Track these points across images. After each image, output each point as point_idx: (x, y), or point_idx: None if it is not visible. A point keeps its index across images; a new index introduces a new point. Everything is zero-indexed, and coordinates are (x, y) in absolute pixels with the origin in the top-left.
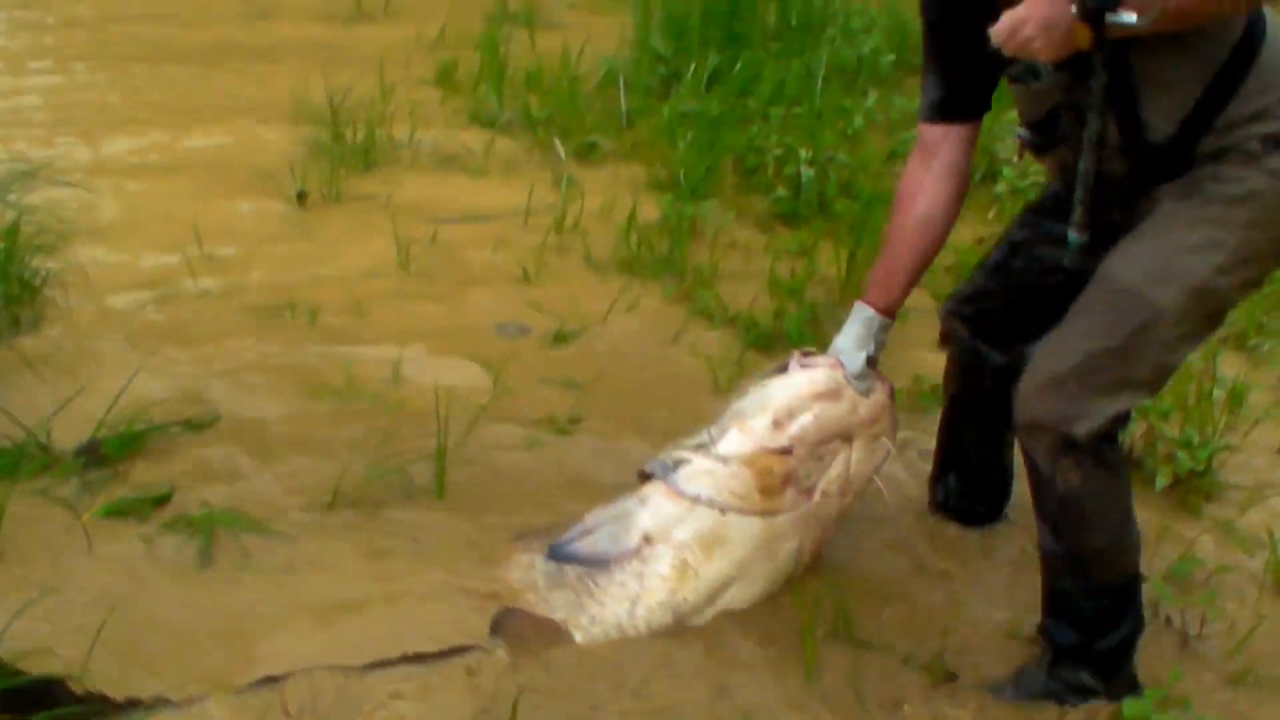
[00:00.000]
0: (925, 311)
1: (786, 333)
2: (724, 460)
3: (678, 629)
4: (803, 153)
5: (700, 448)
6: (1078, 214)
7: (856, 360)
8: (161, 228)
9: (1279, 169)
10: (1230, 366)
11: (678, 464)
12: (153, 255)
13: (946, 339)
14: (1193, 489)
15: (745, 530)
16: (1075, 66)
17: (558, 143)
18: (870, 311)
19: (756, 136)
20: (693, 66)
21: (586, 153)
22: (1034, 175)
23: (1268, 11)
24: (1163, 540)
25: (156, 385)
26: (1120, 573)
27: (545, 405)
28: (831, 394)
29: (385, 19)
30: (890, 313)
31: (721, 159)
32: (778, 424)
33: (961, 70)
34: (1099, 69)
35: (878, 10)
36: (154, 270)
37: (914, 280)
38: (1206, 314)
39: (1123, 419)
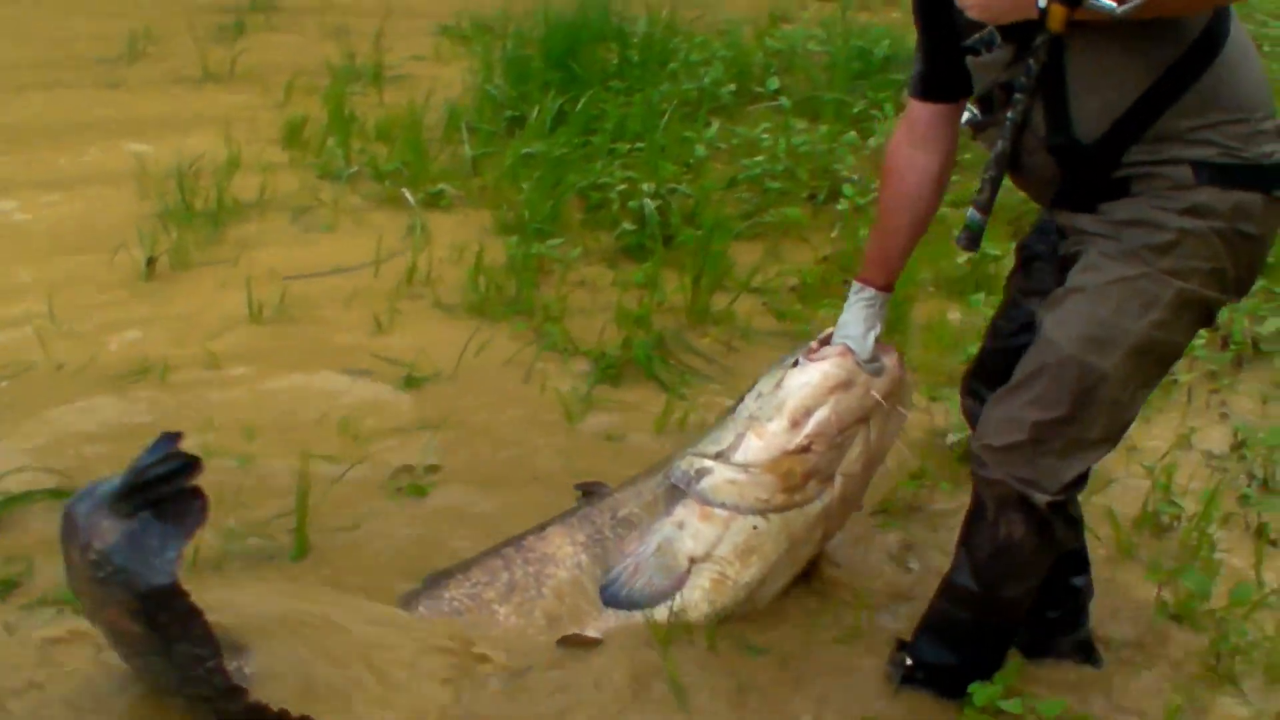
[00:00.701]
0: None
1: (635, 360)
2: (745, 468)
3: None
4: (645, 186)
5: (720, 456)
6: (984, 194)
7: (866, 344)
8: (10, 299)
9: (1204, 206)
10: None
11: (700, 474)
12: (1, 328)
13: (967, 417)
14: None
15: (777, 533)
16: (1023, 42)
17: (406, 192)
18: (871, 290)
19: (600, 173)
20: (535, 109)
21: (434, 200)
22: (874, 191)
23: (1242, 30)
24: None
25: (13, 457)
26: (1016, 618)
27: (402, 454)
28: (845, 384)
29: (232, 80)
30: (889, 288)
31: (566, 198)
32: (794, 424)
33: (942, 49)
34: (1039, 50)
35: (719, 42)
36: (3, 343)
37: (908, 254)
38: (1154, 362)
39: (1083, 480)
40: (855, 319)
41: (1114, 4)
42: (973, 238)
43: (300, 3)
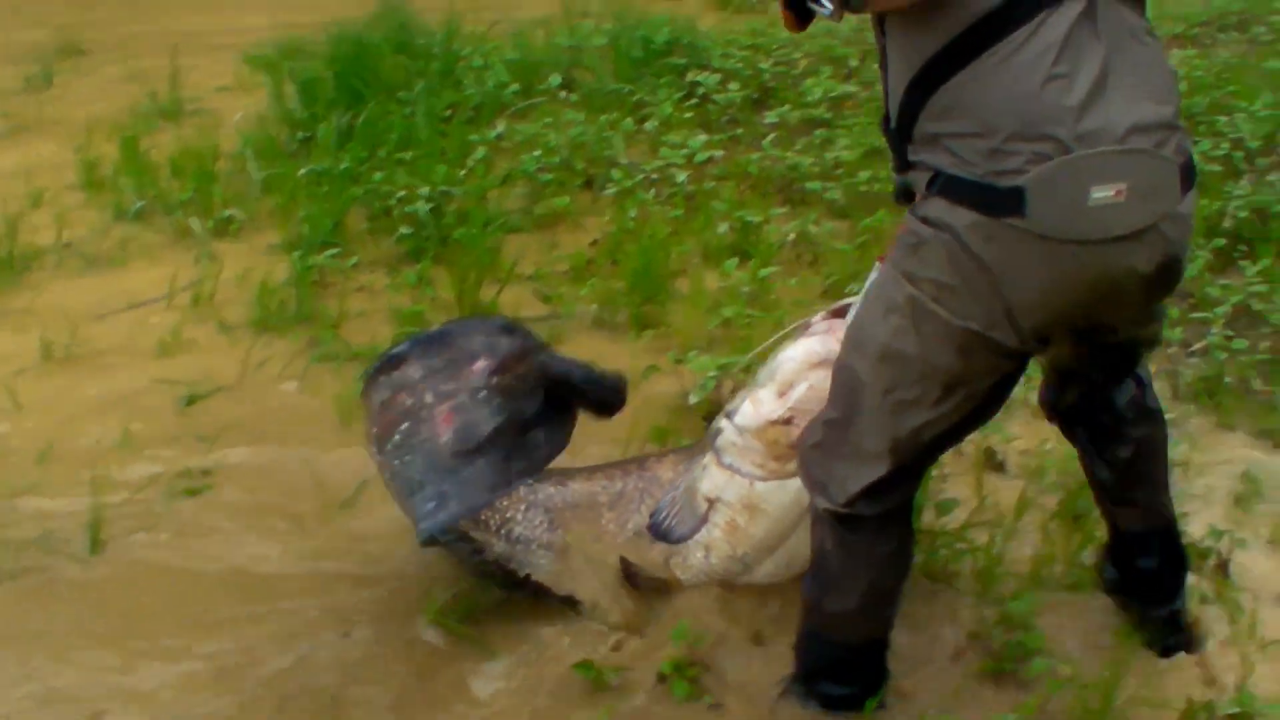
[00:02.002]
0: None
1: None
2: (740, 432)
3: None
4: (422, 190)
5: (729, 415)
6: (892, 158)
7: None
8: None
9: (933, 216)
10: None
11: (717, 432)
12: None
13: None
14: None
15: (775, 496)
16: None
17: (195, 222)
18: None
19: (382, 183)
20: (321, 127)
21: (225, 226)
22: (643, 173)
23: (1035, 50)
24: None
25: None
26: (859, 636)
27: (184, 462)
28: (824, 361)
29: (40, 128)
30: None
31: (349, 210)
32: (781, 394)
33: None
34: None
35: (505, 44)
36: None
37: None
38: (910, 380)
39: (877, 492)
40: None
41: (829, 7)
42: (897, 196)
43: (108, 47)
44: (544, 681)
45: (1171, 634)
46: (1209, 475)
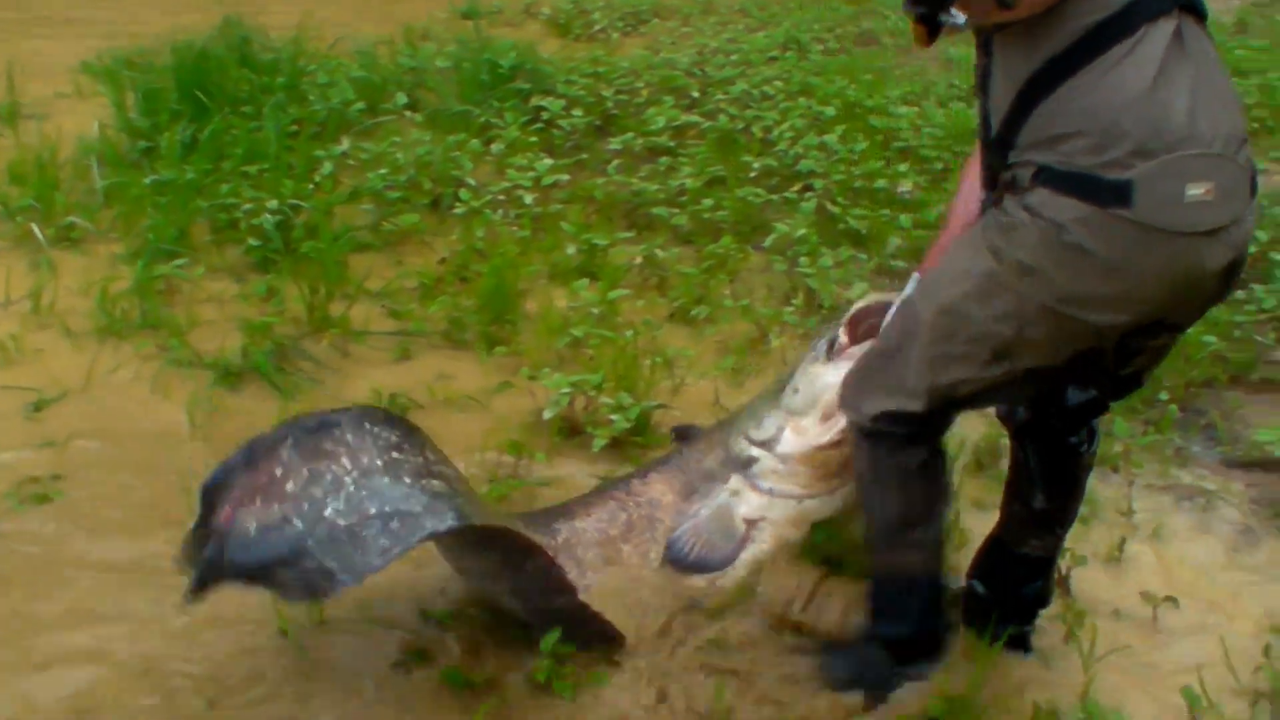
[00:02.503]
0: None
1: (255, 368)
2: (784, 459)
3: None
4: (269, 203)
5: (765, 445)
6: (984, 174)
7: None
8: None
9: (1035, 205)
10: (674, 338)
11: (749, 462)
12: None
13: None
14: (630, 446)
15: (822, 508)
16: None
17: (35, 228)
18: None
19: (228, 195)
20: (164, 138)
21: (66, 234)
22: (490, 194)
23: (1149, 61)
24: None
25: None
26: (900, 568)
27: (31, 468)
28: None
29: None
30: None
31: (194, 220)
32: (826, 418)
33: None
34: (980, 48)
35: (351, 62)
36: None
37: None
38: (969, 339)
39: (904, 419)
40: None
41: (963, 19)
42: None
43: None
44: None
45: (1018, 649)
46: None
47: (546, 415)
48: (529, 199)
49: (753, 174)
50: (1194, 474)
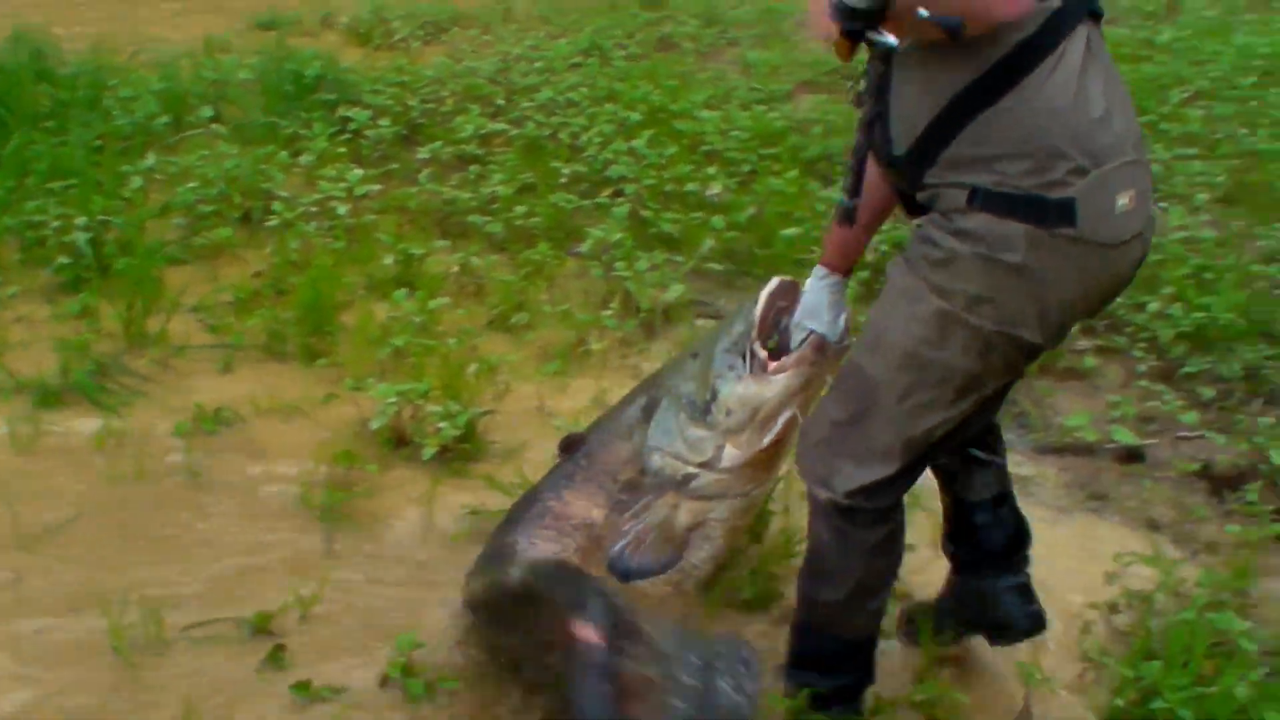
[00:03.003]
0: None
1: (76, 387)
2: (729, 471)
3: None
4: (79, 220)
5: (705, 465)
6: (847, 180)
7: (838, 327)
8: None
9: (974, 230)
10: (495, 345)
11: (687, 478)
12: None
13: None
14: (459, 453)
15: (767, 489)
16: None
17: None
18: (836, 276)
19: (34, 212)
20: None
21: None
22: (303, 206)
23: (1073, 74)
24: (435, 500)
25: None
26: (850, 629)
27: None
28: (807, 386)
29: None
30: (849, 274)
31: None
32: (764, 426)
33: None
34: (873, 61)
35: (153, 75)
36: None
37: (865, 245)
38: (932, 382)
39: (880, 489)
40: (822, 304)
41: (894, 40)
42: (846, 215)
43: None
44: None
45: (1027, 603)
46: None
47: (374, 425)
48: (342, 210)
49: (563, 180)
50: (1010, 460)
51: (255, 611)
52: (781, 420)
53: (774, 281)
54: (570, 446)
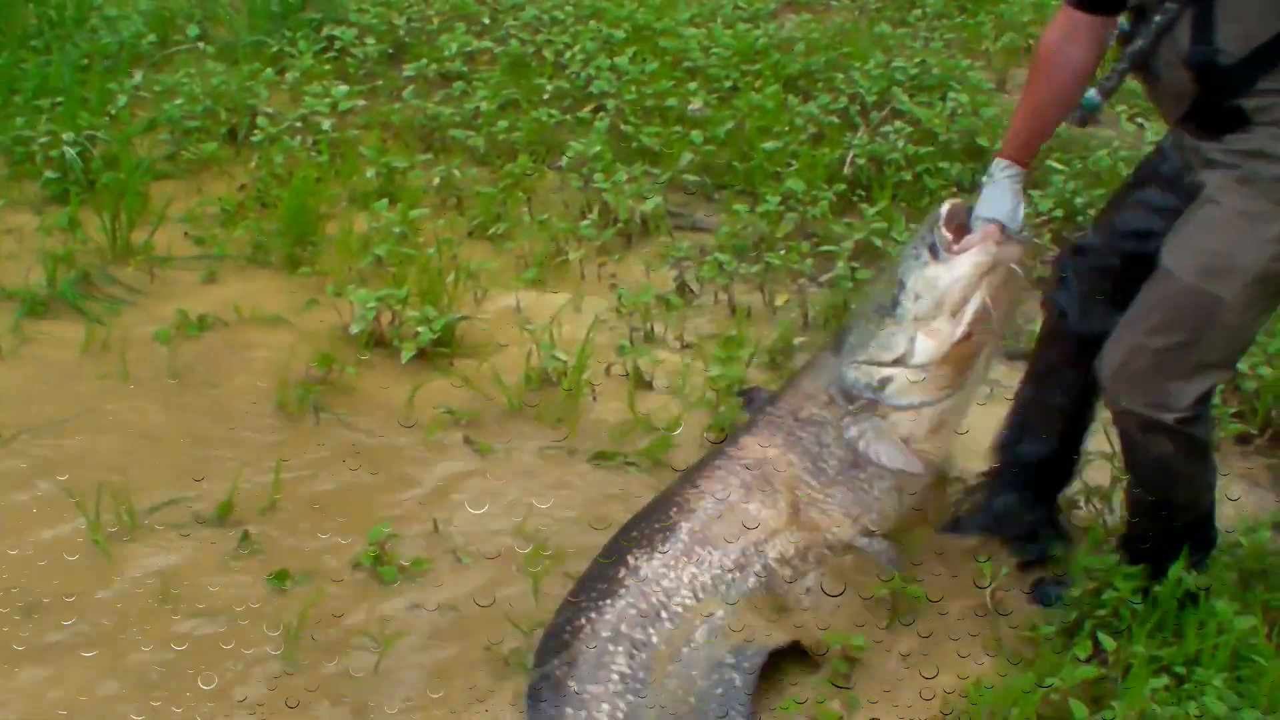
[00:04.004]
0: None
1: (61, 296)
2: (923, 368)
3: None
4: (66, 135)
5: (898, 361)
6: (1110, 81)
7: (1017, 217)
8: None
9: None
10: (474, 254)
11: (883, 383)
12: None
13: (1046, 300)
14: (438, 355)
15: (958, 404)
16: None
17: None
18: (1016, 168)
19: (23, 128)
20: None
21: None
22: (288, 122)
23: None
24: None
25: None
26: (1196, 514)
27: None
28: (992, 267)
29: None
30: (1029, 165)
31: None
32: (954, 316)
33: None
34: None
35: None
36: None
37: (1048, 137)
38: (1273, 293)
39: (1208, 395)
40: (1003, 194)
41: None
42: (1084, 117)
43: None
44: None
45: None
46: None
47: (354, 330)
48: (326, 125)
49: (546, 96)
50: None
51: (221, 501)
52: (970, 310)
53: (949, 202)
54: (751, 399)
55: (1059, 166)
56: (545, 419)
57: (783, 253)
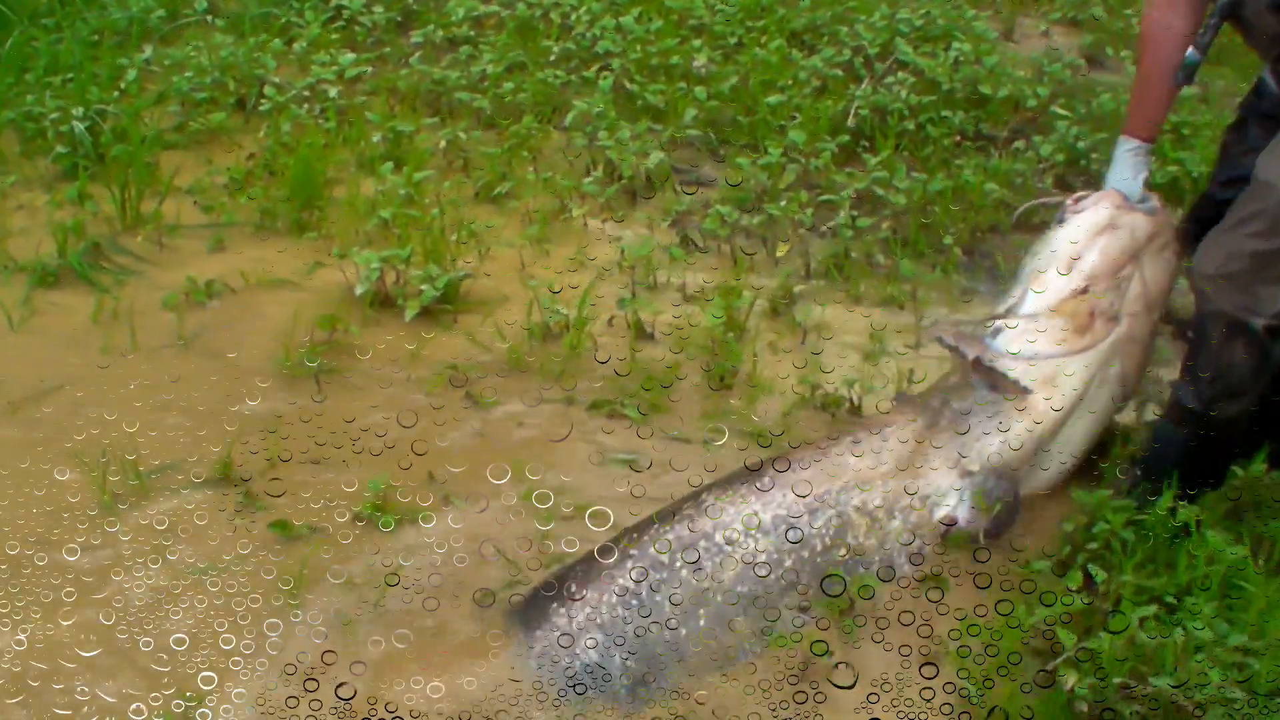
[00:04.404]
0: None
1: (70, 267)
2: (1034, 317)
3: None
4: (75, 111)
5: (1009, 311)
6: (1205, 36)
7: (1136, 186)
8: None
9: None
10: (480, 215)
11: (995, 332)
12: None
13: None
14: (442, 313)
15: (1075, 367)
16: None
17: None
18: (1136, 142)
19: (33, 105)
20: None
21: None
22: (296, 90)
23: None
24: (420, 355)
25: None
26: (1234, 435)
27: None
28: (1108, 227)
29: None
30: (1153, 140)
31: (2, 132)
32: (1069, 268)
33: None
34: None
35: None
36: None
37: (1168, 107)
38: None
39: None
40: (1124, 167)
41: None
42: (1188, 74)
43: None
44: None
45: None
46: (842, 336)
47: (359, 290)
48: (333, 92)
49: (552, 58)
50: (980, 310)
51: (224, 460)
52: (1089, 260)
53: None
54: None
55: (1062, 112)
56: (546, 372)
57: (784, 203)
